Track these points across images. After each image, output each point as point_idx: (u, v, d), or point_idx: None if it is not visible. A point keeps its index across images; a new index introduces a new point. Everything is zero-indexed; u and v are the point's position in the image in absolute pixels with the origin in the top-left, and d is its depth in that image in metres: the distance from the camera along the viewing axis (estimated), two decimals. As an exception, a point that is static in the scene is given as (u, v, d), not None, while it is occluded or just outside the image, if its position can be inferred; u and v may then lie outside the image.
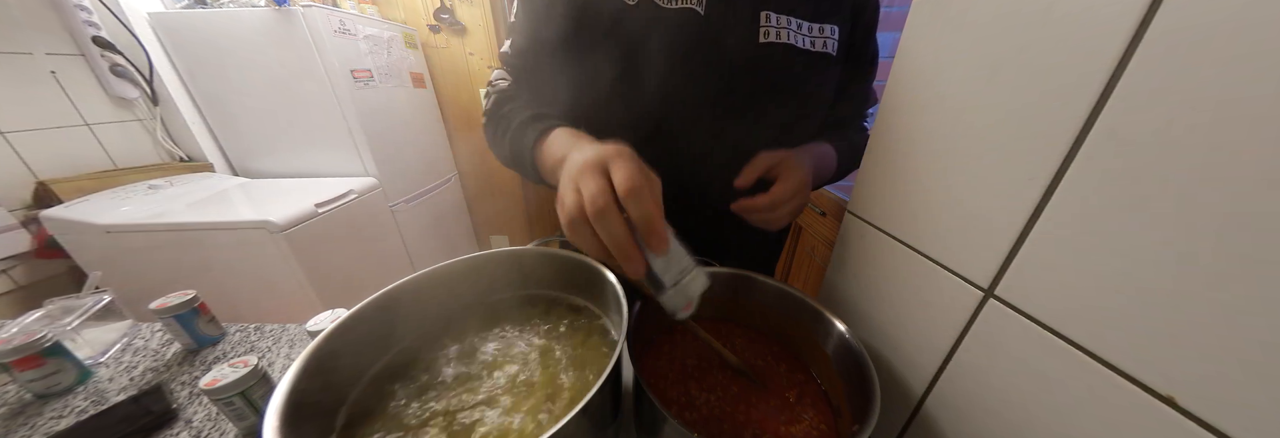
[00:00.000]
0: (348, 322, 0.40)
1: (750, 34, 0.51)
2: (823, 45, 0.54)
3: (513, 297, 0.52)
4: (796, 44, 0.53)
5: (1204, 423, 0.24)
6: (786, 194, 0.49)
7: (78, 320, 0.66)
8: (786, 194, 0.49)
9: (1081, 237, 0.29)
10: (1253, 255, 0.22)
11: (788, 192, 0.49)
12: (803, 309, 0.50)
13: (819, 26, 0.54)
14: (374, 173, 1.64)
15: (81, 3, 1.23)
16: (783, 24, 0.52)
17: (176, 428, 0.54)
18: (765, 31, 0.52)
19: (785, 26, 0.52)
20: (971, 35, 0.38)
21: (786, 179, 0.50)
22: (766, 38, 0.52)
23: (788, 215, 0.51)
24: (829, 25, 0.55)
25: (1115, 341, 0.28)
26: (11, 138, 1.13)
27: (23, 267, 1.17)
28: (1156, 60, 0.25)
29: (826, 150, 0.59)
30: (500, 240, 2.53)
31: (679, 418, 0.33)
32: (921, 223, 0.45)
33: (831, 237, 0.85)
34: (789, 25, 0.52)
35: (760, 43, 0.52)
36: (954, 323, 0.41)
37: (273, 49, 1.40)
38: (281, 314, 1.28)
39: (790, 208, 0.51)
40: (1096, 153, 0.28)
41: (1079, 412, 0.30)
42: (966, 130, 0.39)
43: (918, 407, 0.47)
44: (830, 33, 0.55)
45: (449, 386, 0.41)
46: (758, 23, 0.52)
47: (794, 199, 0.50)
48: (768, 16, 0.52)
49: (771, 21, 0.52)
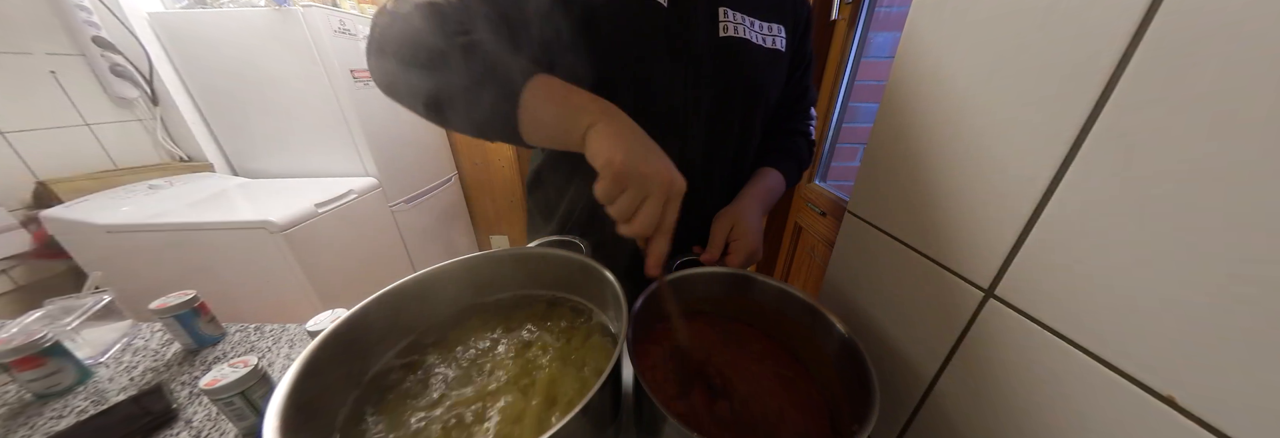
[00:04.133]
0: (348, 321, 0.40)
1: (711, 27, 0.53)
2: (773, 42, 0.57)
3: (513, 297, 0.52)
4: (752, 39, 0.55)
5: (1204, 423, 0.24)
6: (739, 263, 0.58)
7: (78, 320, 0.66)
8: (739, 263, 0.58)
9: (1081, 237, 0.29)
10: (1253, 255, 0.22)
11: (740, 261, 0.58)
12: (803, 309, 0.50)
13: (768, 25, 0.57)
14: (374, 173, 1.64)
15: (81, 3, 1.22)
16: (738, 20, 0.54)
17: (176, 428, 0.54)
18: (724, 26, 0.53)
19: (741, 22, 0.54)
20: (971, 35, 0.38)
21: (737, 251, 0.57)
22: (726, 32, 0.53)
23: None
24: (776, 24, 0.58)
25: (1115, 341, 0.28)
26: (11, 138, 1.13)
27: (23, 267, 1.17)
28: (1156, 60, 0.25)
29: (776, 182, 0.65)
30: (500, 240, 2.53)
31: (679, 418, 0.33)
32: (921, 223, 0.45)
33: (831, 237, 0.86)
34: (743, 21, 0.55)
35: (721, 37, 0.53)
36: (954, 323, 0.41)
37: (273, 49, 1.40)
38: (281, 314, 1.28)
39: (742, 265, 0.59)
40: (1096, 153, 0.28)
41: (1079, 412, 0.30)
42: (966, 130, 0.39)
43: (918, 407, 0.47)
44: (778, 31, 0.58)
45: (449, 386, 0.41)
46: (716, 17, 0.53)
47: (748, 262, 0.59)
48: (725, 12, 0.53)
49: (729, 17, 0.53)
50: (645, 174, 0.35)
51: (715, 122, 0.57)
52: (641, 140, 0.37)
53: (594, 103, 0.39)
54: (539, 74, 0.39)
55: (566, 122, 0.38)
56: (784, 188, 0.66)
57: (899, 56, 0.47)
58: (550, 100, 0.39)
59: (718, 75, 0.54)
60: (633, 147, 0.36)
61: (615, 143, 0.36)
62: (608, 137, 0.36)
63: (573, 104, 0.39)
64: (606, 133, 0.37)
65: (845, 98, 1.08)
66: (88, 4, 1.24)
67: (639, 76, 0.51)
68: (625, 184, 0.35)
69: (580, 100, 0.39)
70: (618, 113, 0.39)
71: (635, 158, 0.35)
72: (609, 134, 0.36)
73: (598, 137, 0.37)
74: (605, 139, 0.36)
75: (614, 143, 0.36)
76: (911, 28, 0.46)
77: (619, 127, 0.37)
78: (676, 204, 0.37)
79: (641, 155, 0.35)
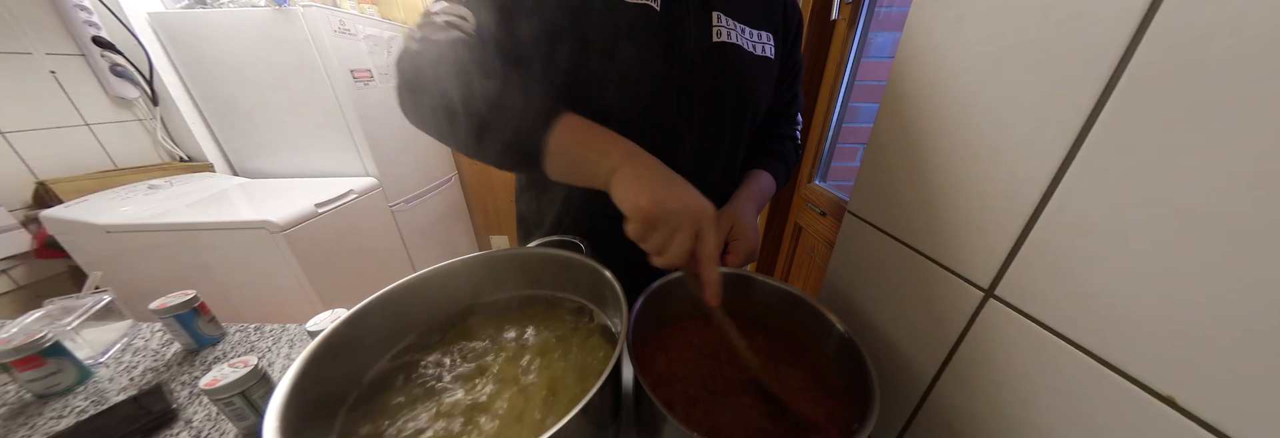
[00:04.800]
0: (348, 322, 0.40)
1: (704, 33, 0.53)
2: (764, 50, 0.58)
3: (513, 297, 0.52)
4: (743, 46, 0.55)
5: (1204, 423, 0.24)
6: (738, 262, 0.58)
7: (78, 320, 0.66)
8: (738, 262, 0.58)
9: (1081, 237, 0.29)
10: (1252, 255, 0.22)
11: (739, 260, 0.58)
12: (803, 309, 0.50)
13: (758, 32, 0.58)
14: (374, 173, 1.64)
15: (81, 3, 1.22)
16: (731, 26, 0.55)
17: (176, 428, 0.54)
18: (717, 31, 0.54)
19: (733, 29, 0.55)
20: (972, 35, 0.38)
21: (737, 250, 0.57)
22: (719, 37, 0.54)
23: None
24: (765, 32, 0.59)
25: (1115, 341, 0.28)
26: (11, 138, 1.13)
27: (23, 267, 1.17)
28: (1157, 60, 0.25)
29: (767, 183, 0.66)
30: (500, 240, 2.53)
31: (679, 418, 0.33)
32: (921, 223, 0.45)
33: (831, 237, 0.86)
34: (735, 28, 0.55)
35: (714, 42, 0.53)
36: (954, 323, 0.41)
37: (273, 49, 1.40)
38: (281, 314, 1.28)
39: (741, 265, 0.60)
40: (1096, 153, 0.28)
41: (1079, 412, 0.30)
42: (966, 130, 0.39)
43: (918, 407, 0.47)
44: (768, 39, 0.59)
45: (449, 386, 0.41)
46: (710, 23, 0.53)
47: (748, 260, 0.60)
48: (718, 17, 0.54)
49: (722, 22, 0.54)
50: (673, 210, 0.36)
51: (707, 126, 0.57)
52: (663, 178, 0.39)
53: (616, 146, 0.41)
54: (563, 116, 0.41)
55: (591, 166, 0.41)
56: (774, 189, 0.68)
57: (899, 56, 0.47)
58: (574, 145, 0.41)
59: (710, 81, 0.54)
60: (656, 187, 0.37)
61: (640, 186, 0.37)
62: (631, 180, 0.38)
63: (596, 148, 0.41)
64: (630, 176, 0.38)
65: (845, 98, 1.08)
66: (88, 4, 1.24)
67: (632, 80, 0.51)
68: (655, 225, 0.37)
69: (603, 144, 0.41)
70: (639, 154, 0.41)
71: (660, 198, 0.36)
72: (632, 177, 0.38)
73: (621, 182, 0.38)
74: (630, 183, 0.38)
75: (639, 186, 0.37)
76: (911, 27, 0.46)
77: (641, 168, 0.39)
78: (711, 231, 0.38)
79: (665, 194, 0.37)
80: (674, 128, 0.55)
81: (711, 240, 0.38)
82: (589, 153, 0.40)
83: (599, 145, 0.41)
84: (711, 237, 0.38)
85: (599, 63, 0.50)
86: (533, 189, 0.65)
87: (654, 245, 0.38)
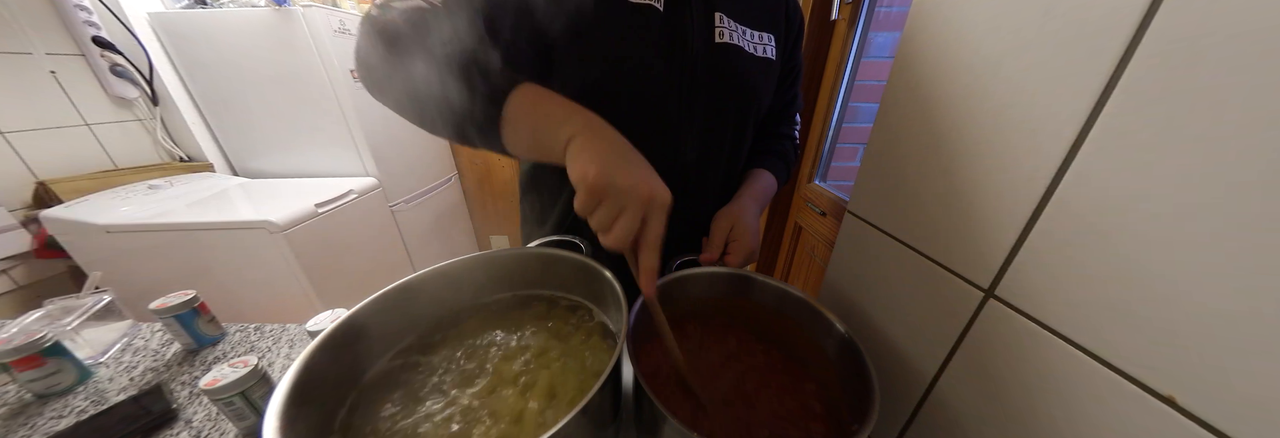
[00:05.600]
0: (348, 322, 0.40)
1: (707, 34, 0.53)
2: (765, 51, 0.58)
3: (513, 297, 0.52)
4: (744, 47, 0.55)
5: (1204, 423, 0.24)
6: (738, 262, 0.57)
7: (78, 320, 0.66)
8: (738, 262, 0.57)
9: (1082, 237, 0.29)
10: (1252, 255, 0.22)
11: (739, 261, 0.57)
12: (803, 309, 0.50)
13: (759, 33, 0.58)
14: (374, 173, 1.64)
15: (81, 3, 1.22)
16: (732, 27, 0.55)
17: (176, 428, 0.54)
18: (720, 32, 0.54)
19: (734, 30, 0.55)
20: (971, 34, 0.38)
21: (736, 251, 0.57)
22: (721, 38, 0.53)
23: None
24: (767, 33, 0.59)
25: (1115, 341, 0.28)
26: (11, 138, 1.13)
27: (23, 267, 1.17)
28: (1157, 59, 0.25)
29: (768, 183, 0.66)
30: (500, 240, 2.53)
31: (679, 418, 0.33)
32: (921, 223, 0.45)
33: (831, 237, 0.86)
34: (737, 29, 0.55)
35: (716, 43, 0.53)
36: (954, 323, 0.41)
37: (273, 49, 1.40)
38: (281, 314, 1.28)
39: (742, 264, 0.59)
40: (1097, 152, 0.28)
41: (1079, 412, 0.30)
42: (966, 130, 0.39)
43: (918, 407, 0.47)
44: (768, 40, 0.59)
45: (449, 386, 0.41)
46: (712, 24, 0.53)
47: (748, 260, 0.59)
48: (721, 18, 0.54)
49: (724, 23, 0.54)
50: (620, 187, 0.34)
51: (709, 126, 0.57)
52: (620, 152, 0.36)
53: (576, 114, 0.38)
54: (523, 84, 0.39)
55: (547, 135, 0.38)
56: (776, 189, 0.68)
57: (899, 56, 0.47)
58: (533, 113, 0.38)
59: (711, 81, 0.54)
60: (609, 159, 0.35)
61: (591, 156, 0.35)
62: (584, 150, 0.36)
63: (554, 117, 0.38)
64: (584, 146, 0.36)
65: (845, 98, 1.08)
66: (88, 4, 1.24)
67: (635, 79, 0.51)
68: (600, 197, 0.34)
69: (562, 113, 0.38)
70: (599, 124, 0.38)
71: (610, 171, 0.34)
72: (587, 148, 0.36)
73: (575, 150, 0.36)
74: (582, 153, 0.35)
75: (589, 156, 0.35)
76: (911, 28, 0.46)
77: (597, 140, 0.36)
78: (659, 217, 0.36)
79: (617, 168, 0.34)
80: (676, 128, 0.55)
81: (655, 227, 0.36)
82: (547, 122, 0.38)
83: (559, 114, 0.38)
84: (656, 223, 0.36)
85: (601, 62, 0.50)
86: (535, 189, 0.65)
87: (598, 222, 0.36)
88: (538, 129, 0.38)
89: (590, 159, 0.35)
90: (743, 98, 0.58)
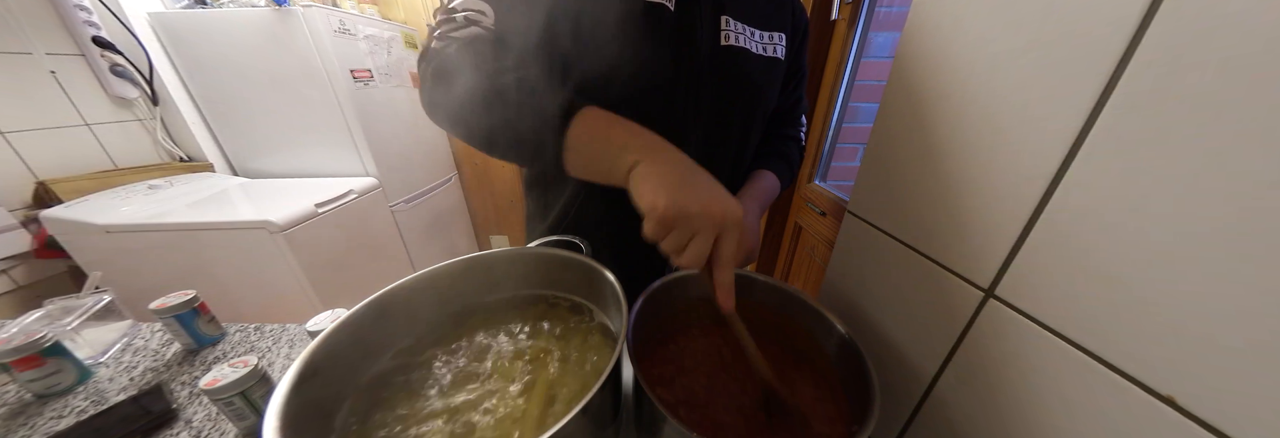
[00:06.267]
0: (348, 322, 0.40)
1: (714, 35, 0.53)
2: (773, 51, 0.58)
3: (513, 297, 0.52)
4: (751, 49, 0.55)
5: (1204, 423, 0.24)
6: (738, 264, 0.55)
7: (78, 320, 0.66)
8: (738, 264, 0.55)
9: (1082, 237, 0.29)
10: (1252, 255, 0.22)
11: (738, 262, 0.57)
12: (803, 309, 0.50)
13: (768, 34, 0.58)
14: (374, 173, 1.64)
15: (81, 3, 1.22)
16: (739, 29, 0.55)
17: (176, 428, 0.54)
18: (726, 35, 0.54)
19: (741, 32, 0.55)
20: (972, 35, 0.38)
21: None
22: (727, 40, 0.54)
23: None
24: (776, 33, 0.59)
25: (1115, 341, 0.28)
26: (11, 138, 1.13)
27: (23, 267, 1.17)
28: (1156, 60, 0.25)
29: (771, 184, 0.65)
30: (500, 240, 2.53)
31: (679, 418, 0.33)
32: (921, 223, 0.45)
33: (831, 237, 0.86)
34: (743, 31, 0.55)
35: (722, 45, 0.54)
36: (954, 323, 0.41)
37: (273, 49, 1.40)
38: (281, 314, 1.28)
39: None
40: (1097, 152, 0.28)
41: (1079, 412, 0.30)
42: (966, 130, 0.39)
43: (918, 407, 0.47)
44: (778, 39, 0.59)
45: (449, 386, 0.41)
46: (719, 26, 0.54)
47: (748, 260, 0.59)
48: (727, 20, 0.54)
49: (731, 26, 0.54)
50: (691, 214, 0.34)
51: (714, 127, 0.57)
52: (687, 177, 0.36)
53: (637, 139, 0.38)
54: (584, 109, 0.39)
55: (610, 161, 0.38)
56: (779, 189, 0.67)
57: (899, 56, 0.47)
58: (594, 138, 0.39)
59: (717, 83, 0.54)
60: (677, 187, 0.35)
61: (659, 185, 0.35)
62: (651, 177, 0.36)
63: (616, 142, 0.38)
64: (649, 173, 0.36)
65: (845, 98, 1.08)
66: (88, 4, 1.24)
67: (643, 78, 0.51)
68: (671, 226, 0.35)
69: (624, 138, 0.38)
70: (662, 148, 0.38)
71: (678, 198, 0.34)
72: (652, 175, 0.36)
73: (640, 178, 0.36)
74: (648, 181, 0.36)
75: (657, 185, 0.35)
76: (911, 27, 0.46)
77: (662, 165, 0.37)
78: (732, 235, 0.36)
79: (687, 195, 0.35)
80: (681, 129, 0.55)
81: (729, 245, 0.36)
82: (609, 147, 0.38)
83: (620, 139, 0.38)
84: (730, 241, 0.36)
85: (612, 60, 0.50)
86: (539, 185, 0.65)
87: (670, 246, 0.36)
88: (600, 155, 0.39)
89: (658, 189, 0.35)
90: (748, 99, 0.58)
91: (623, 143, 0.38)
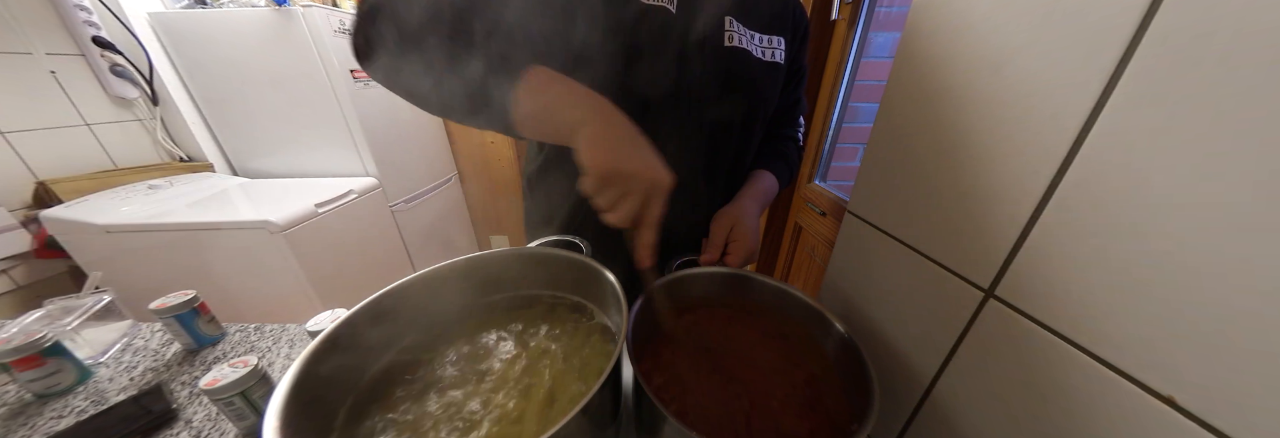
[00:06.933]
0: (348, 322, 0.40)
1: (716, 37, 0.54)
2: (773, 55, 0.58)
3: (513, 297, 0.52)
4: (752, 52, 0.56)
5: (1204, 423, 0.24)
6: (738, 262, 0.58)
7: (78, 320, 0.66)
8: (738, 262, 0.58)
9: (1082, 237, 0.29)
10: (1253, 255, 0.22)
11: (738, 261, 0.58)
12: (803, 309, 0.50)
13: (768, 37, 0.58)
14: (374, 173, 1.64)
15: (81, 3, 1.22)
16: (742, 31, 0.55)
17: (176, 428, 0.54)
18: (729, 36, 0.54)
19: (743, 34, 0.55)
20: (972, 35, 0.38)
21: (736, 251, 0.57)
22: (730, 42, 0.54)
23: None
24: (777, 37, 0.59)
25: (1115, 340, 0.28)
26: (11, 138, 1.13)
27: (23, 267, 1.16)
28: (1158, 58, 0.25)
29: (770, 184, 0.66)
30: (500, 240, 2.53)
31: (679, 418, 0.33)
32: (921, 223, 0.45)
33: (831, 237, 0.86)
34: (745, 33, 0.56)
35: (725, 46, 0.54)
36: (954, 323, 0.41)
37: (273, 49, 1.40)
38: (281, 314, 1.28)
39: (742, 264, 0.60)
40: (1098, 152, 0.28)
41: (1079, 412, 0.30)
42: (966, 130, 0.39)
43: (918, 407, 0.47)
44: (778, 43, 0.59)
45: (449, 386, 0.41)
46: (722, 28, 0.54)
47: (747, 260, 0.60)
48: (731, 22, 0.54)
49: (734, 27, 0.54)
50: (627, 174, 0.36)
51: (715, 128, 0.57)
52: (627, 138, 0.38)
53: (585, 99, 0.39)
54: (535, 67, 0.39)
55: (557, 117, 0.38)
56: (778, 190, 0.68)
57: (899, 57, 0.47)
58: (543, 95, 0.38)
59: (718, 84, 0.54)
60: (617, 146, 0.37)
61: (600, 143, 0.37)
62: (594, 136, 0.37)
63: (564, 100, 0.39)
64: (594, 132, 0.37)
65: (845, 98, 1.08)
66: (88, 4, 1.24)
67: (643, 79, 0.51)
68: (608, 183, 0.37)
69: (572, 96, 0.39)
70: (607, 109, 0.39)
71: (619, 157, 0.36)
72: (596, 133, 0.37)
73: (587, 137, 0.37)
74: (592, 139, 0.37)
75: (599, 143, 0.37)
76: (911, 28, 0.46)
77: (606, 126, 0.38)
78: (660, 199, 0.38)
79: (625, 155, 0.37)
80: (682, 129, 0.55)
81: (655, 208, 0.39)
82: (557, 104, 0.38)
83: (568, 97, 0.39)
84: (657, 205, 0.39)
85: (613, 60, 0.50)
86: (542, 190, 0.65)
87: (604, 202, 0.38)
88: (548, 111, 0.39)
89: (599, 145, 0.37)
90: (749, 101, 0.58)
91: (570, 101, 0.39)
